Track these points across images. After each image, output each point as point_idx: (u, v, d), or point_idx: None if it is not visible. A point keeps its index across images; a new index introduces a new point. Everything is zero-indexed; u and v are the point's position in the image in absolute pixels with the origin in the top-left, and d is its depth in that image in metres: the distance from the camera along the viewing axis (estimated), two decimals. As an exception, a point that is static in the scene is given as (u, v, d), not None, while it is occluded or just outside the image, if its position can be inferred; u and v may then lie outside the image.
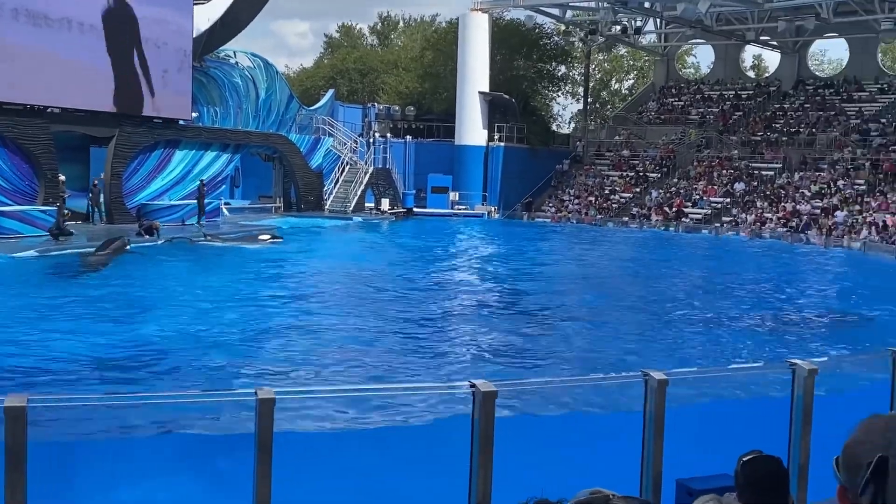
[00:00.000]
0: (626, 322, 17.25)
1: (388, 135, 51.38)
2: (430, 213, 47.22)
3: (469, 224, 44.88)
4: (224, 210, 37.06)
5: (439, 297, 20.12)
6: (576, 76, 67.02)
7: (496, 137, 50.74)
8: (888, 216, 36.83)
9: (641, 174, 50.14)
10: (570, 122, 75.74)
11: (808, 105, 50.98)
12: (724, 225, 42.08)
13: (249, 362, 12.47)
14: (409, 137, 52.22)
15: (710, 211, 44.28)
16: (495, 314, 18.09)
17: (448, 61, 53.84)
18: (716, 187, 45.90)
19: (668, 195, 46.88)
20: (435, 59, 57.40)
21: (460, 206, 48.88)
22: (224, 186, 38.67)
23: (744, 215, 42.23)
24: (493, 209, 49.34)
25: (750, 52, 64.78)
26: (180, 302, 17.27)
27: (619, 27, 50.75)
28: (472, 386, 4.86)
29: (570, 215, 47.78)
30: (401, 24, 76.67)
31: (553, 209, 49.17)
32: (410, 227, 42.00)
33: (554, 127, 65.55)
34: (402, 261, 26.89)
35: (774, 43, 54.77)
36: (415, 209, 47.39)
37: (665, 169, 49.94)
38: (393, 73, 60.80)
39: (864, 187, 40.83)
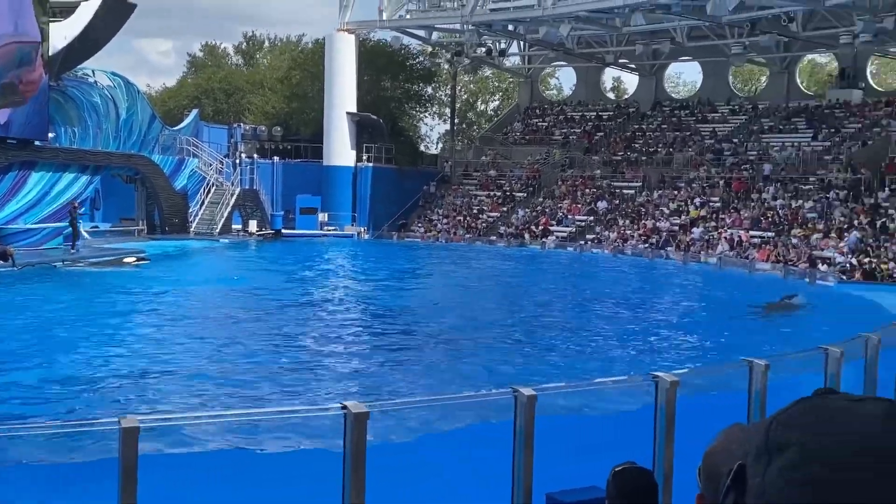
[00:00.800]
0: (493, 338, 17.45)
1: (255, 155, 50.62)
2: (299, 234, 46.70)
3: (339, 245, 44.63)
4: (84, 233, 35.61)
5: (306, 317, 19.90)
6: (442, 97, 67.86)
7: (364, 158, 50.68)
8: (741, 232, 38.65)
9: (508, 193, 50.98)
10: (437, 143, 76.46)
11: (665, 126, 53.08)
12: (588, 242, 43.24)
13: (116, 390, 11.97)
14: (276, 158, 51.58)
15: (574, 228, 45.43)
16: (363, 333, 17.99)
17: (315, 82, 53.53)
18: (580, 206, 47.14)
19: (534, 214, 47.83)
20: (302, 80, 56.99)
21: (330, 227, 48.54)
22: (84, 209, 37.19)
23: (606, 233, 43.51)
24: (362, 230, 49.21)
25: (610, 75, 67.03)
26: (40, 330, 16.44)
27: (483, 49, 51.67)
28: (344, 407, 4.77)
29: (439, 235, 48.11)
30: (266, 43, 75.86)
31: (422, 229, 49.40)
32: (279, 248, 41.43)
33: (422, 147, 66.03)
34: (270, 282, 26.45)
35: (632, 66, 56.90)
36: (283, 230, 46.78)
37: (531, 188, 50.95)
38: (259, 93, 60.02)
39: (718, 204, 42.73)
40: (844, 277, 30.77)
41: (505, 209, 49.73)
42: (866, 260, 31.30)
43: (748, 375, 7.77)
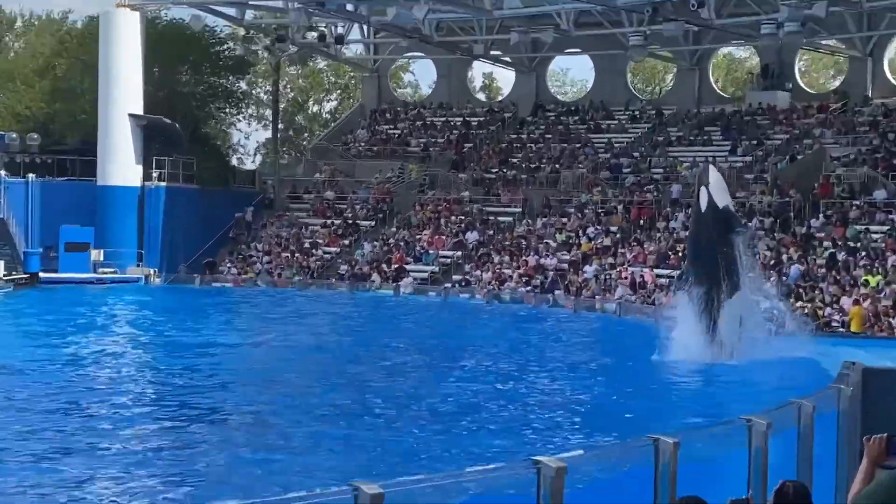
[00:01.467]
0: (327, 423, 17.66)
1: (3, 172, 49.01)
2: (63, 279, 45.41)
3: (117, 294, 43.55)
4: None
5: (73, 398, 19.53)
6: (262, 95, 67.61)
7: (155, 175, 49.82)
8: (645, 270, 39.94)
9: (351, 222, 51.07)
10: (255, 155, 76.02)
11: (549, 135, 54.48)
12: (456, 285, 43.77)
13: None
14: (32, 176, 50.04)
15: (437, 268, 45.90)
16: (146, 417, 17.97)
17: (87, 73, 52.42)
18: (444, 238, 47.71)
19: (385, 248, 48.05)
20: (69, 71, 55.77)
21: (106, 269, 47.39)
22: None
23: (479, 272, 44.17)
24: (153, 272, 48.25)
25: (479, 70, 68.66)
26: None
27: (315, 34, 51.78)
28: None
29: (257, 277, 47.69)
30: (19, 22, 73.76)
31: (235, 270, 48.83)
32: (32, 299, 40.09)
33: (234, 161, 65.64)
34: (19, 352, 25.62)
35: (507, 59, 58.30)
36: (42, 274, 45.39)
37: (380, 215, 51.23)
38: (8, 87, 58.32)
39: (617, 235, 44.06)
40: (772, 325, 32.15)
41: (346, 242, 49.75)
42: (798, 304, 32.85)
43: (654, 455, 8.02)
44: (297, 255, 49.28)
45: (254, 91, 66.07)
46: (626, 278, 39.95)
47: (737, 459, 9.83)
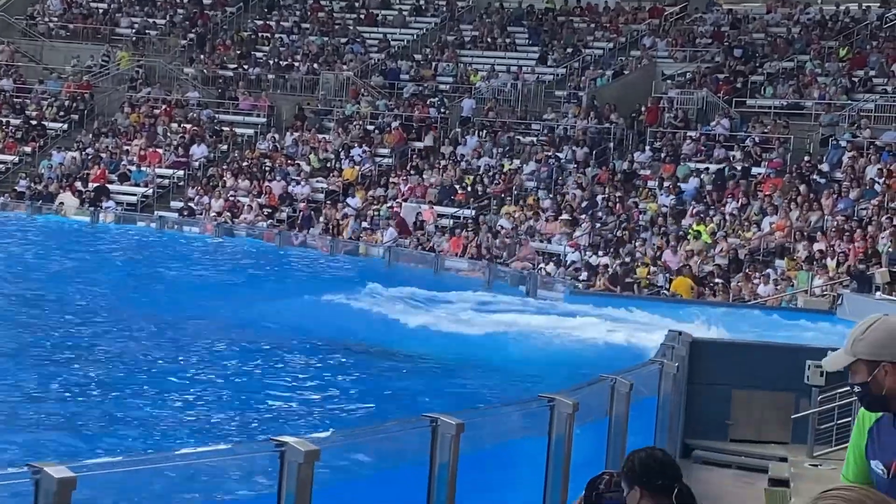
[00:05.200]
0: None
1: None
2: None
3: None
4: None
5: None
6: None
7: None
8: (425, 207, 40.23)
9: (35, 123, 49.61)
10: None
11: (306, 25, 54.08)
12: (178, 214, 43.06)
13: None
14: None
15: (152, 190, 45.09)
16: None
17: None
18: (162, 151, 46.87)
19: (83, 161, 46.87)
20: None
21: None
22: None
23: (207, 199, 43.58)
24: None
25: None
26: None
27: None
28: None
29: None
30: None
31: None
32: None
33: None
34: None
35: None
36: None
37: (76, 116, 50.00)
38: None
39: (389, 160, 44.16)
40: (579, 286, 32.97)
41: (28, 150, 48.29)
42: (614, 261, 33.77)
43: (430, 439, 8.21)
44: (-41, 163, 47.57)
45: None
46: (398, 216, 40.13)
47: (532, 448, 10.06)
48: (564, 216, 37.41)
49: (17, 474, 6.11)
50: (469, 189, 40.85)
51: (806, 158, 37.22)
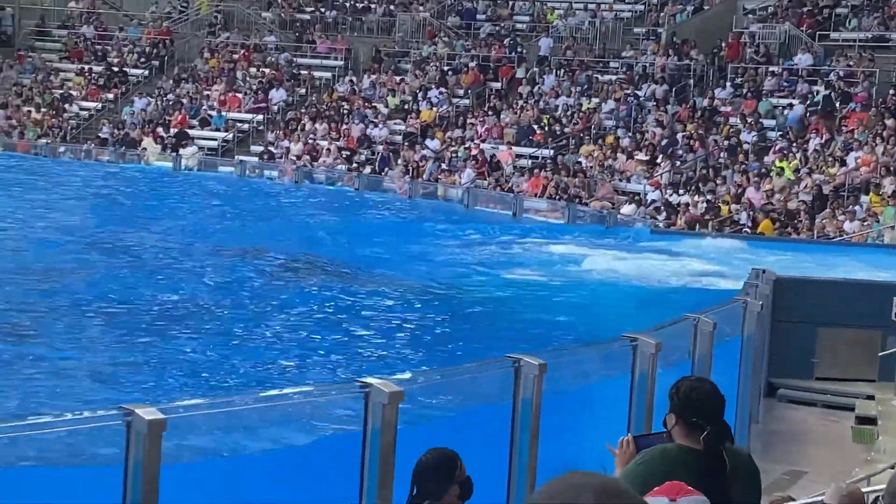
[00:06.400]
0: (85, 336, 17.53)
1: None
2: None
3: None
4: None
5: None
6: None
7: None
8: (503, 148, 40.15)
9: (117, 70, 49.94)
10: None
11: (383, -34, 53.96)
12: (259, 158, 43.23)
13: None
14: None
15: (233, 135, 45.32)
16: None
17: None
18: (241, 96, 47.05)
19: (162, 107, 47.17)
20: None
21: None
22: None
23: (286, 143, 43.73)
24: None
25: None
26: None
27: None
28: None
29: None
30: None
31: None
32: None
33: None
34: None
35: None
36: None
37: (157, 62, 50.22)
38: None
39: (466, 101, 44.07)
40: (660, 224, 32.81)
41: (111, 97, 48.67)
42: (696, 199, 33.55)
43: (514, 379, 8.28)
44: (43, 110, 48.02)
45: None
46: (476, 157, 40.08)
47: (615, 387, 10.08)
48: (643, 155, 37.20)
49: (109, 416, 6.22)
50: (547, 129, 40.67)
51: (891, 92, 36.58)
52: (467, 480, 6.54)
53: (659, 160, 36.74)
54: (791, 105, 37.77)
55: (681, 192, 34.43)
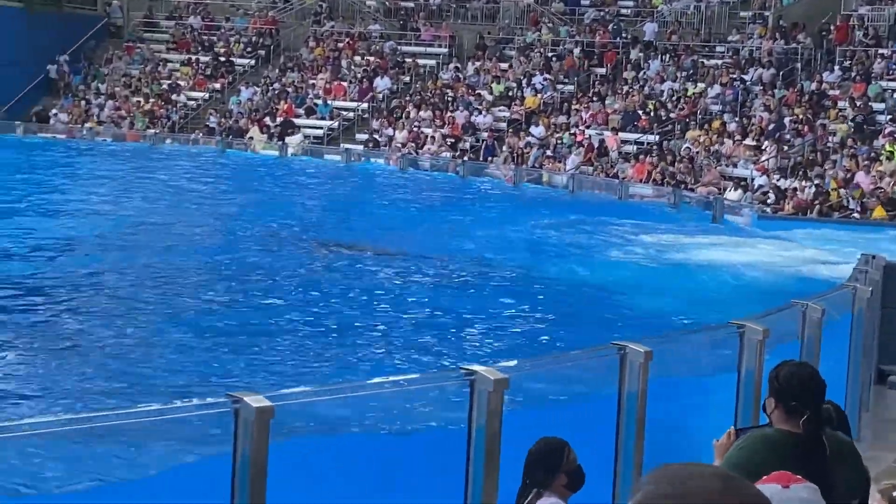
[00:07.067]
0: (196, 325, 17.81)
1: None
2: None
3: None
4: None
5: None
6: None
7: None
8: (608, 133, 39.99)
9: (224, 60, 50.41)
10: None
11: (487, -47, 53.93)
12: (363, 146, 43.44)
13: None
14: None
15: (338, 123, 45.55)
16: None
17: None
18: (346, 84, 47.28)
19: (268, 96, 47.54)
20: None
21: None
22: None
23: (390, 131, 43.90)
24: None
25: None
26: None
27: None
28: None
29: (100, 128, 47.00)
30: None
31: (67, 117, 48.09)
32: None
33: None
34: None
35: None
36: None
37: (263, 52, 50.59)
38: None
39: (571, 86, 43.91)
40: (768, 210, 32.49)
41: (217, 87, 49.15)
42: (804, 184, 33.18)
43: (619, 367, 8.26)
44: (151, 100, 48.59)
45: None
46: (581, 143, 40.00)
47: (721, 375, 9.99)
48: (750, 140, 36.87)
49: (217, 404, 6.29)
50: (652, 114, 40.47)
51: None
52: (578, 469, 6.54)
53: (765, 145, 36.40)
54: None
55: (788, 177, 34.08)
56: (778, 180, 34.17)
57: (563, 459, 6.43)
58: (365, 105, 46.28)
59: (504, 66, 46.22)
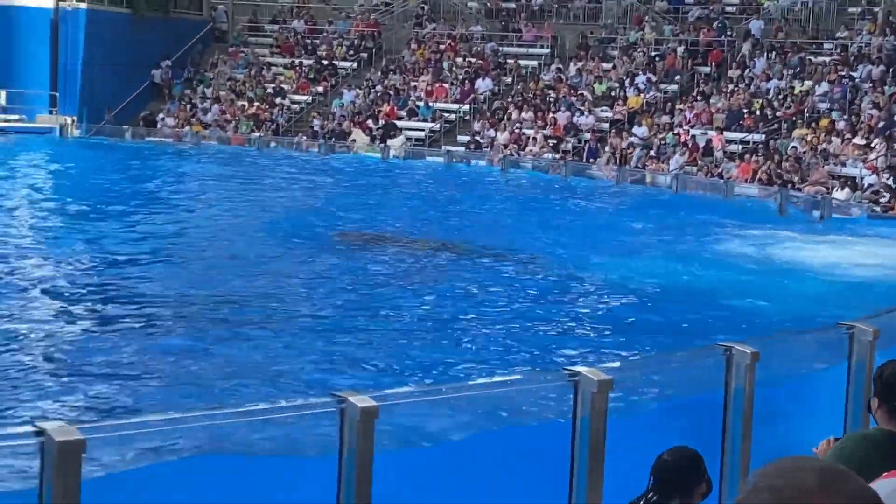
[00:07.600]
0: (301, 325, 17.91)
1: None
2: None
3: (24, 148, 43.36)
4: None
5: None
6: None
7: (73, -6, 49.45)
8: (712, 133, 39.68)
9: (327, 63, 50.74)
10: (202, -28, 75.19)
11: (589, -48, 53.78)
12: (465, 148, 43.53)
13: None
14: None
15: (439, 125, 45.66)
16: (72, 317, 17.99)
17: None
18: (448, 86, 47.39)
19: (370, 98, 47.77)
20: None
21: (10, 117, 47.22)
22: None
23: (492, 132, 43.93)
24: (70, 120, 48.06)
25: None
26: None
27: None
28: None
29: (206, 132, 47.48)
30: None
31: (173, 121, 48.63)
32: None
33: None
34: None
35: None
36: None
37: (365, 55, 50.82)
38: None
39: (675, 87, 43.65)
40: (878, 209, 32.06)
41: (320, 90, 49.46)
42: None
43: (725, 369, 8.20)
44: (257, 103, 49.05)
45: None
46: (685, 143, 39.78)
47: (830, 377, 9.85)
48: (859, 138, 36.41)
49: (322, 403, 6.34)
50: (758, 113, 40.12)
51: None
52: (709, 478, 6.52)
53: (875, 143, 35.91)
54: None
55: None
56: (888, 179, 33.71)
57: (704, 467, 6.42)
58: (466, 107, 46.35)
59: (606, 65, 46.06)
